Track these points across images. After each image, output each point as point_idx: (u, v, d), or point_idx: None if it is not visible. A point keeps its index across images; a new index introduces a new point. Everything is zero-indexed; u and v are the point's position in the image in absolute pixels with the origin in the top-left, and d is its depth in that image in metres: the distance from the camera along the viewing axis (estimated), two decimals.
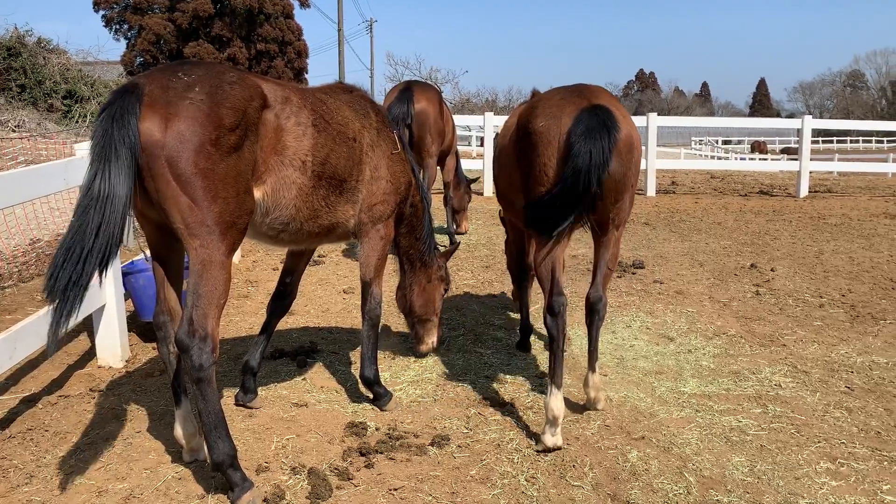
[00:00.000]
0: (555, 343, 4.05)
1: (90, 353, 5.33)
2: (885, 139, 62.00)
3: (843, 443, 4.06)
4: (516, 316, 6.42)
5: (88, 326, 5.49)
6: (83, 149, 5.00)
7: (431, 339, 5.23)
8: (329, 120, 3.92)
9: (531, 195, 4.12)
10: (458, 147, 10.45)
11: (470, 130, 31.01)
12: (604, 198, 3.95)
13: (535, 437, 4.08)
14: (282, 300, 4.55)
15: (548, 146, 4.00)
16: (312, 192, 3.81)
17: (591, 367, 4.41)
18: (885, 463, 3.84)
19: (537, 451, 3.98)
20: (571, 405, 4.53)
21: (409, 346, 5.63)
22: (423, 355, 5.34)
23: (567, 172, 3.79)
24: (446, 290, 5.26)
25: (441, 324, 5.32)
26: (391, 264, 5.09)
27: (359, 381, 4.82)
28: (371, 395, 4.52)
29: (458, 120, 13.91)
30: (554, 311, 4.03)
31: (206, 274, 3.21)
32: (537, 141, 4.05)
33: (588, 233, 4.37)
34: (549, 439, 3.95)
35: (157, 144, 3.08)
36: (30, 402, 4.50)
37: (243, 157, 3.32)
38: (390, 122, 4.56)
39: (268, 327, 4.53)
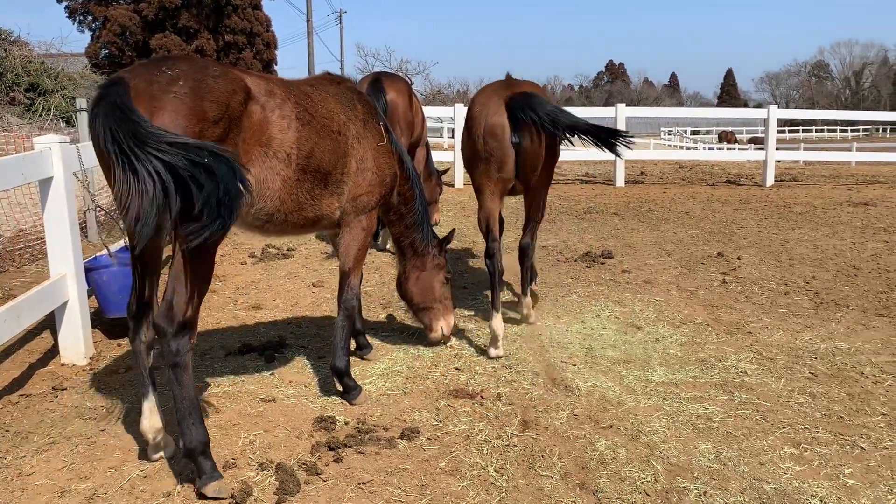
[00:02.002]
0: (493, 278, 5.28)
1: (53, 351, 5.23)
2: (848, 128, 63.10)
3: (806, 428, 4.12)
4: (485, 308, 6.43)
5: (51, 324, 5.38)
6: (42, 143, 4.90)
7: (439, 327, 5.23)
8: (313, 113, 3.97)
9: (475, 163, 5.38)
10: (429, 139, 10.41)
11: (441, 122, 30.93)
12: (525, 164, 5.19)
13: (484, 351, 5.27)
14: None
15: (479, 128, 5.24)
16: (297, 185, 3.87)
17: (524, 292, 5.76)
18: (848, 447, 3.91)
19: (489, 357, 5.18)
20: (547, 400, 4.55)
21: (379, 338, 5.61)
22: (434, 343, 5.34)
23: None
24: (447, 279, 5.25)
25: (450, 311, 5.30)
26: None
27: (327, 374, 4.80)
28: (340, 388, 4.50)
29: (429, 111, 13.87)
30: (490, 254, 5.28)
31: (188, 262, 3.27)
32: (473, 124, 5.31)
33: (554, 223, 4.56)
34: (493, 352, 5.18)
35: None
36: None
37: None
38: (377, 113, 4.57)
39: None
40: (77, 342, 5.06)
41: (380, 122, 4.55)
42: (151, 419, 3.60)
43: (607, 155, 5.84)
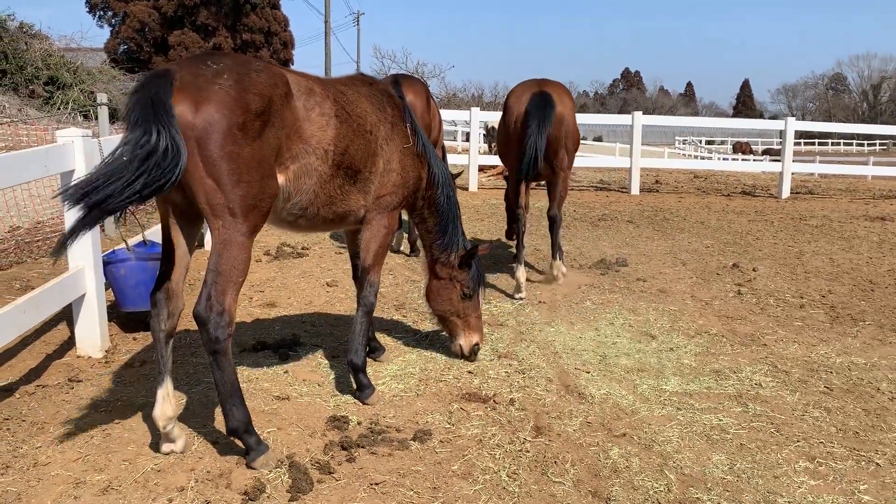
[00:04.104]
0: (520, 239, 6.99)
1: (69, 343, 5.27)
2: (865, 142, 62.73)
3: (821, 442, 4.09)
4: (499, 312, 6.43)
5: (68, 316, 5.42)
6: (65, 136, 4.94)
7: (458, 342, 5.11)
8: (350, 112, 4.08)
9: (507, 145, 7.12)
10: (444, 142, 10.42)
11: (455, 125, 30.93)
12: (547, 149, 6.67)
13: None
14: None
15: (511, 115, 6.94)
16: (330, 181, 3.99)
17: (554, 256, 7.23)
18: (863, 463, 3.88)
19: (515, 298, 6.80)
20: (560, 407, 4.54)
21: (392, 339, 5.62)
22: (453, 355, 5.23)
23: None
24: (468, 294, 5.03)
25: (473, 329, 5.10)
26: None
27: (341, 373, 4.82)
28: (354, 385, 4.51)
29: (445, 114, 13.89)
30: (517, 218, 7.00)
31: (226, 253, 3.41)
32: (507, 112, 7.03)
33: (568, 230, 4.55)
34: (518, 295, 6.81)
35: (188, 126, 3.25)
36: (7, 391, 4.44)
37: (268, 142, 3.49)
38: (406, 116, 4.63)
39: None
40: (93, 335, 5.09)
41: (407, 124, 4.60)
42: (164, 407, 3.63)
43: (623, 162, 6.77)
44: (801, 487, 3.62)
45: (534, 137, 6.47)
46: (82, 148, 4.93)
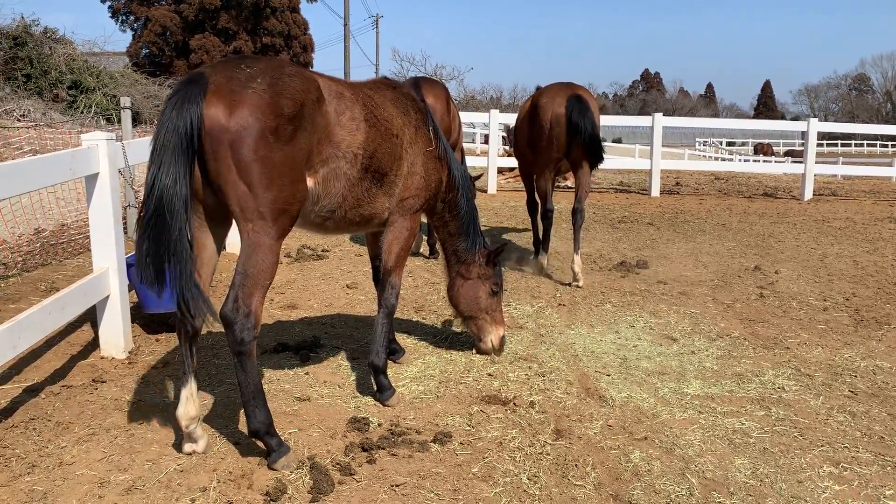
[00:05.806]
0: (547, 231, 7.92)
1: (93, 344, 5.33)
2: (889, 143, 61.91)
3: (846, 447, 4.04)
4: (518, 314, 6.42)
5: (92, 317, 5.48)
6: (89, 139, 5.00)
7: (489, 338, 5.20)
8: (378, 116, 4.12)
9: (536, 144, 7.55)
10: (462, 144, 10.42)
11: (474, 127, 30.93)
12: (578, 145, 7.21)
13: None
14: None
15: (546, 115, 7.31)
16: (358, 184, 4.02)
17: (576, 251, 7.37)
18: (889, 468, 3.83)
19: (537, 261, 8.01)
20: (580, 410, 4.52)
21: (412, 342, 5.63)
22: (482, 352, 5.32)
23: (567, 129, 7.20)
24: (495, 291, 5.16)
25: (500, 323, 5.23)
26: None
27: (361, 375, 4.84)
28: (375, 386, 4.53)
29: (463, 117, 13.91)
30: (547, 214, 7.71)
31: (255, 256, 3.44)
32: (540, 112, 7.38)
33: (588, 231, 4.53)
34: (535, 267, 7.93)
35: (222, 129, 3.28)
36: (32, 391, 4.50)
37: (299, 146, 3.51)
38: (429, 119, 4.67)
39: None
40: (117, 336, 5.14)
41: (430, 127, 4.62)
42: (187, 406, 3.66)
43: (643, 164, 7.01)
44: (826, 492, 3.57)
45: (587, 129, 7.04)
46: (106, 151, 4.98)
